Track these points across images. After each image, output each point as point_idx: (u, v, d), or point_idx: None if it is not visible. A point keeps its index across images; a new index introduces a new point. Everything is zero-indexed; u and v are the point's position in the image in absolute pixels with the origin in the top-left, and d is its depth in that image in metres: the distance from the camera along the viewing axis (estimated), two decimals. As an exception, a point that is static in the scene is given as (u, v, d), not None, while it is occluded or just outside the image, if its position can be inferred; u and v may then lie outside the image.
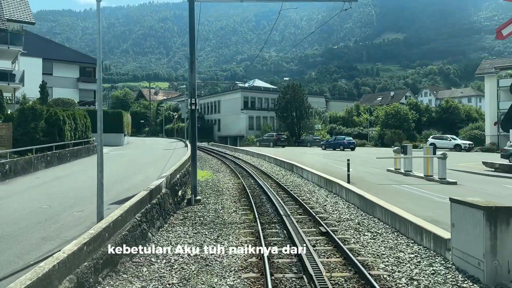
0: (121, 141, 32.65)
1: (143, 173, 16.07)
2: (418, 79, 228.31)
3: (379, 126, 61.66)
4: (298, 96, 57.57)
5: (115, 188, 12.59)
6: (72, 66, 46.95)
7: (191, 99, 14.97)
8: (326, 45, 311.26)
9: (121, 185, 13.08)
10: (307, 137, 55.19)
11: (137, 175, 15.58)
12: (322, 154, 36.71)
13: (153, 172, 15.81)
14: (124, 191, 12.12)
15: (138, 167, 17.93)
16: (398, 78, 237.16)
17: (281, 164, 27.83)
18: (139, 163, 19.76)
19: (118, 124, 32.20)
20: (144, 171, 16.68)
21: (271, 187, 18.25)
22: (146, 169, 17.44)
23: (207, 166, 28.51)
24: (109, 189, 12.32)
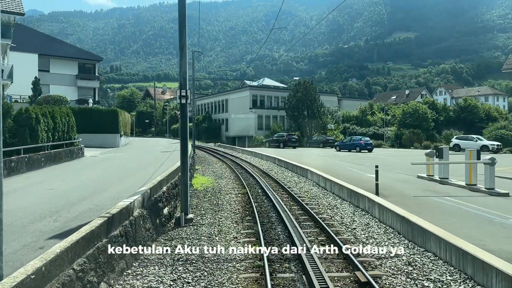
0: (117, 142, 29.50)
1: (124, 183, 12.80)
2: (431, 78, 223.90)
3: (396, 126, 57.94)
4: (309, 94, 54.07)
5: (75, 207, 9.30)
6: (70, 63, 44.01)
7: (181, 90, 11.64)
8: (336, 45, 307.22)
9: (86, 203, 9.80)
10: (319, 137, 51.67)
11: (115, 186, 12.31)
12: (338, 156, 33.22)
13: (135, 182, 12.54)
14: (84, 212, 8.82)
15: (122, 175, 14.67)
16: (410, 77, 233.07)
17: (292, 169, 24.42)
18: (126, 168, 16.53)
19: (113, 124, 29.05)
20: (126, 180, 13.41)
21: (281, 199, 14.86)
22: (130, 177, 14.17)
23: (210, 170, 25.20)
24: (65, 208, 9.04)
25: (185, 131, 12.01)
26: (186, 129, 12.03)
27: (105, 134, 28.94)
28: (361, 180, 18.01)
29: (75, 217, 8.34)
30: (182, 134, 12.10)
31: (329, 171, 20.79)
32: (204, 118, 69.64)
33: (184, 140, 12.05)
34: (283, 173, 23.65)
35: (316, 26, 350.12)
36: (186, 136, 12.11)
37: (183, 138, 12.07)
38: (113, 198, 10.17)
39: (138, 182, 12.44)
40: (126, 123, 33.19)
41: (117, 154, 23.64)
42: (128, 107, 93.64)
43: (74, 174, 14.95)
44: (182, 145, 12.02)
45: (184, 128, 12.00)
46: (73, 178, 13.80)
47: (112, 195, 10.76)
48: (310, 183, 19.38)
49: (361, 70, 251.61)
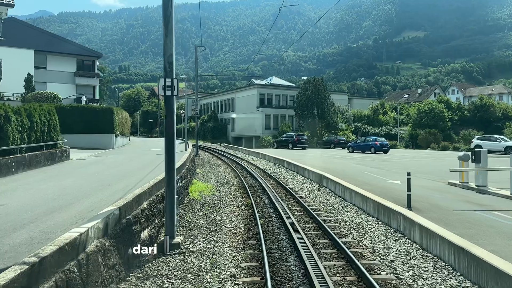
0: (112, 143, 26.96)
1: (99, 195, 10.20)
2: (441, 77, 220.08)
3: (410, 126, 54.99)
4: (319, 92, 51.27)
5: (12, 236, 6.71)
6: (68, 59, 41.65)
7: (166, 79, 9.02)
8: (345, 44, 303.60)
9: (31, 228, 7.19)
10: (330, 137, 48.86)
11: (85, 200, 9.69)
12: (352, 158, 30.45)
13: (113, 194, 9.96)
14: (18, 246, 6.23)
15: (103, 183, 12.06)
16: (419, 77, 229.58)
17: (304, 173, 21.72)
18: (111, 174, 13.95)
19: (107, 124, 26.51)
20: (104, 191, 10.80)
21: (293, 214, 12.21)
22: (109, 187, 11.53)
23: (211, 175, 22.59)
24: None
25: (170, 131, 9.38)
26: (173, 129, 9.40)
27: (99, 135, 26.44)
28: (384, 187, 15.33)
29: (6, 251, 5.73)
30: (168, 136, 9.45)
31: (346, 176, 18.13)
32: (209, 118, 67.07)
33: (170, 144, 9.41)
34: (293, 178, 20.96)
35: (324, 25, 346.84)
36: (173, 138, 9.46)
37: (169, 141, 9.43)
38: (75, 219, 7.55)
39: (116, 194, 9.87)
40: (124, 122, 30.67)
41: (108, 157, 21.11)
42: (134, 106, 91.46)
43: (46, 183, 12.40)
44: (168, 150, 9.39)
45: (169, 128, 9.38)
46: (41, 188, 11.26)
47: (76, 213, 8.13)
48: (325, 191, 16.68)
49: (369, 70, 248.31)
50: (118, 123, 28.40)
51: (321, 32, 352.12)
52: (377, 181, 17.48)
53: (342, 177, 17.96)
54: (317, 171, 19.67)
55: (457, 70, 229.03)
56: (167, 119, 9.44)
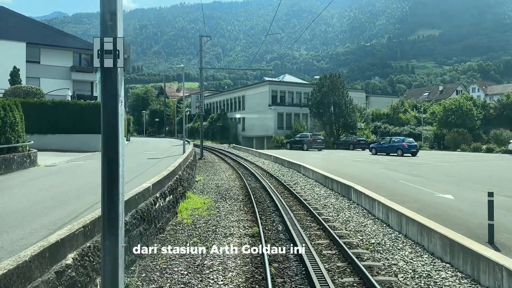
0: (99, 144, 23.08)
1: (17, 232, 6.25)
2: (457, 76, 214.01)
3: (435, 125, 50.34)
4: (337, 89, 46.84)
5: None
6: (64, 53, 37.96)
7: (105, 39, 4.97)
8: (358, 43, 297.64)
9: None
10: (348, 138, 44.45)
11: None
12: (378, 162, 26.12)
13: (37, 230, 5.99)
14: None
15: (42, 206, 8.06)
16: (435, 75, 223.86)
17: (325, 183, 17.51)
18: (66, 191, 9.94)
19: (95, 122, 22.59)
20: (23, 226, 6.83)
21: (320, 253, 8.10)
22: (42, 217, 7.55)
23: (213, 183, 18.51)
24: None
25: (112, 131, 5.25)
26: (116, 128, 5.25)
27: (86, 135, 22.58)
28: (436, 205, 11.16)
29: None
30: (107, 139, 5.32)
31: (379, 187, 14.05)
32: (218, 117, 63.04)
33: (112, 154, 5.25)
34: (312, 189, 16.77)
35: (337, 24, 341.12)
36: (116, 145, 5.30)
37: (110, 150, 5.29)
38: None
39: (39, 231, 5.86)
40: (117, 121, 26.81)
41: (87, 162, 17.19)
42: (142, 106, 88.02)
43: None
44: (108, 166, 5.26)
45: (109, 125, 5.25)
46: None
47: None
48: (358, 210, 12.49)
49: (383, 68, 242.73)
50: (110, 121, 24.47)
51: (334, 31, 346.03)
52: (421, 194, 13.30)
53: (374, 188, 13.83)
54: (343, 180, 15.49)
55: (473, 69, 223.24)
56: (106, 109, 5.34)
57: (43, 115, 22.06)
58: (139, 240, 8.22)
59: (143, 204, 8.86)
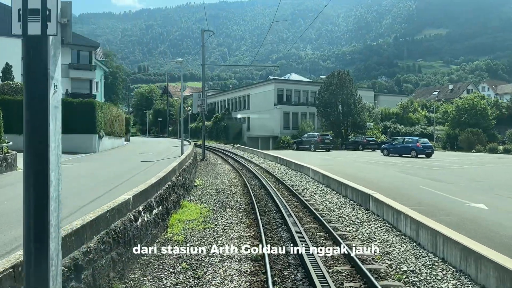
0: (93, 146, 21.35)
1: None
2: (464, 75, 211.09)
3: (448, 125, 48.28)
4: (345, 87, 44.89)
5: None
6: (61, 50, 36.26)
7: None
8: (364, 42, 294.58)
9: None
10: (357, 138, 42.49)
11: None
12: (392, 164, 24.20)
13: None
14: None
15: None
16: (442, 75, 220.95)
17: (338, 188, 15.65)
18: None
19: (87, 121, 20.93)
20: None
21: (340, 283, 6.30)
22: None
23: (213, 189, 16.72)
24: None
25: (39, 125, 3.42)
26: (45, 122, 3.43)
27: (77, 135, 20.83)
28: (472, 217, 9.28)
29: None
30: (28, 136, 3.49)
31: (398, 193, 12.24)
32: (223, 116, 61.22)
33: (39, 155, 3.42)
34: (324, 196, 14.93)
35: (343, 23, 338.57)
36: (45, 143, 3.45)
37: (34, 151, 3.46)
38: None
39: None
40: (113, 120, 25.06)
41: (73, 166, 15.47)
42: (146, 105, 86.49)
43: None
44: (32, 175, 3.45)
45: (37, 116, 3.42)
46: None
47: None
48: (379, 223, 10.63)
49: (390, 68, 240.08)
50: (104, 120, 22.81)
51: (340, 30, 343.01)
52: (450, 203, 11.49)
53: (395, 195, 12.04)
54: (359, 187, 13.63)
55: (481, 68, 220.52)
56: (29, 99, 3.53)
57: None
58: (111, 269, 6.45)
59: (119, 222, 7.07)
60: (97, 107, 21.40)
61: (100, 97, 50.77)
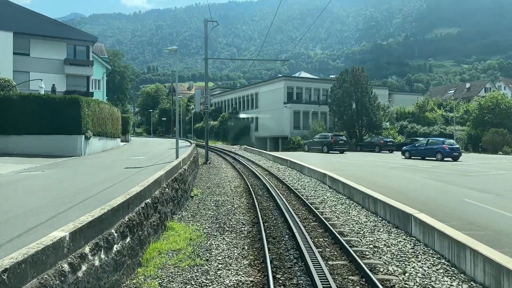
0: (78, 148, 18.57)
1: None
2: (476, 74, 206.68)
3: (470, 124, 44.96)
4: (360, 84, 41.80)
5: None
6: (57, 44, 33.74)
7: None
8: (375, 41, 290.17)
9: None
10: (374, 138, 39.33)
11: None
12: (418, 169, 21.11)
13: None
14: None
15: None
16: (453, 74, 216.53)
17: (364, 202, 12.66)
18: None
19: (71, 120, 18.20)
20: None
21: None
22: None
23: (212, 201, 13.83)
24: None
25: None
26: None
27: (59, 136, 18.15)
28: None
29: None
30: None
31: (443, 211, 9.30)
32: (230, 116, 58.33)
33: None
34: (347, 212, 11.97)
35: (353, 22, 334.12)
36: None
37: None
38: None
39: None
40: (105, 119, 22.28)
41: (44, 174, 12.71)
42: (152, 104, 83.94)
43: None
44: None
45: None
46: None
47: None
48: (432, 258, 7.66)
49: (401, 67, 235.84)
50: (93, 119, 20.05)
51: (349, 29, 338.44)
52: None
53: (437, 212, 9.13)
54: (395, 203, 10.69)
55: (494, 67, 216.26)
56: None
57: (6, 112, 17.73)
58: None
59: (35, 283, 4.25)
60: (83, 104, 18.63)
61: (102, 96, 48.16)
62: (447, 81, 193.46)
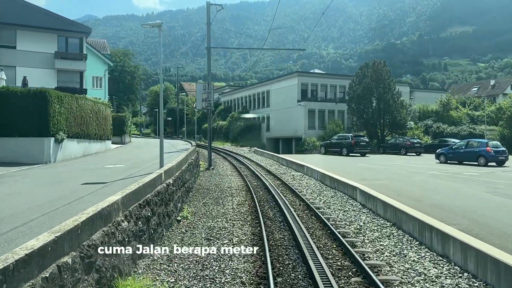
0: (45, 153, 14.81)
1: None
2: (493, 73, 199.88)
3: (502, 124, 40.38)
4: (382, 80, 37.52)
5: None
6: (46, 36, 30.15)
7: None
8: (388, 40, 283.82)
9: None
10: (399, 139, 34.94)
11: None
12: (465, 177, 16.86)
13: None
14: None
15: None
16: (469, 73, 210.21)
17: (421, 235, 8.59)
18: None
19: (36, 119, 14.46)
20: None
21: None
22: None
23: (204, 229, 9.85)
24: None
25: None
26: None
27: (25, 139, 14.45)
28: None
29: None
30: None
31: None
32: (240, 115, 54.34)
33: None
34: (400, 252, 7.86)
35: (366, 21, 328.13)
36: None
37: None
38: None
39: None
40: (86, 117, 18.50)
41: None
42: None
43: None
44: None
45: None
46: None
47: None
48: None
49: (415, 66, 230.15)
50: (68, 118, 16.28)
51: (362, 28, 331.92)
52: None
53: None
54: (478, 244, 6.62)
55: (511, 65, 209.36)
56: None
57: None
58: None
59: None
60: (52, 100, 14.83)
61: (104, 95, 44.63)
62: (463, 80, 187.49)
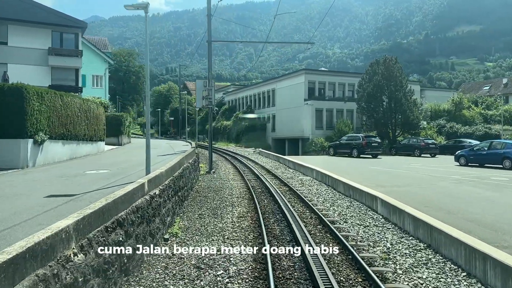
0: (22, 157, 13.02)
1: None
2: (501, 72, 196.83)
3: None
4: (393, 77, 35.50)
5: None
6: (39, 31, 28.46)
7: None
8: (394, 40, 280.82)
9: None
10: (412, 140, 32.85)
11: None
12: (497, 184, 14.83)
13: None
14: None
15: None
16: (477, 72, 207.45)
17: (467, 264, 6.68)
18: None
19: (11, 118, 12.68)
20: None
21: None
22: None
23: (193, 257, 7.97)
24: None
25: None
26: None
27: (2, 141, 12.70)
28: None
29: None
30: None
31: None
32: (244, 115, 52.43)
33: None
34: (446, 286, 6.00)
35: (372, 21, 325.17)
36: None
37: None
38: None
39: None
40: (73, 116, 16.74)
41: None
42: (164, 104, 78.80)
43: None
44: None
45: None
46: None
47: None
48: None
49: (422, 65, 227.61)
50: (51, 117, 14.48)
51: (368, 28, 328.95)
52: None
53: None
54: None
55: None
56: None
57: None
58: None
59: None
60: (30, 96, 13.03)
61: (104, 94, 43.03)
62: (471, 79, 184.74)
